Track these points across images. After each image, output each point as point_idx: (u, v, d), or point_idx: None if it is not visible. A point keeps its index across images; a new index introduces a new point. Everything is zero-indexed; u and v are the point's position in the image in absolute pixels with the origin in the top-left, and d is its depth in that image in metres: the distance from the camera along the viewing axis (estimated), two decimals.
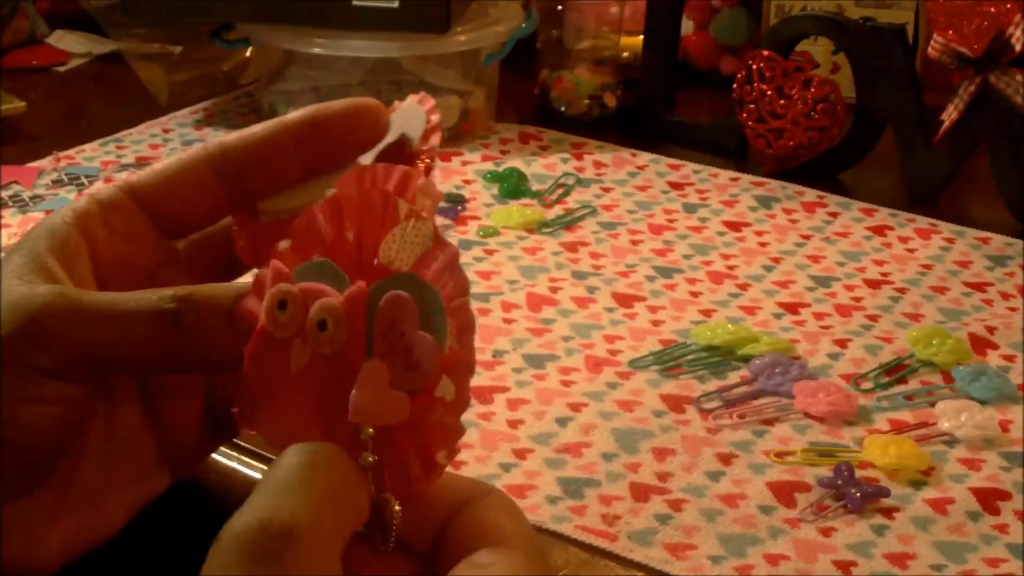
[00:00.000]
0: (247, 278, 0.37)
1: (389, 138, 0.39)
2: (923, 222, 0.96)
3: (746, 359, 0.76)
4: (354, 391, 0.33)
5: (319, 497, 0.31)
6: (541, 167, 1.03)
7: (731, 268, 0.88)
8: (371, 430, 0.33)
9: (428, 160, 0.38)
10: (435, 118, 0.39)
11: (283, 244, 0.34)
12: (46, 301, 0.35)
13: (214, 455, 0.46)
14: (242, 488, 0.43)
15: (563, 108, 1.14)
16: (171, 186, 0.39)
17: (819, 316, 0.82)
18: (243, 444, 0.51)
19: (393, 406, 0.33)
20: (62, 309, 0.35)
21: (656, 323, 0.81)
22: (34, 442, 0.36)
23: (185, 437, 0.39)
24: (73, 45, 1.31)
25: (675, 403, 0.72)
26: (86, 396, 0.36)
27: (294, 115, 0.39)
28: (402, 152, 0.38)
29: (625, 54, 1.18)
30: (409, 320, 0.33)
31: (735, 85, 1.04)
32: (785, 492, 0.64)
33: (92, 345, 0.35)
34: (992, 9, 0.94)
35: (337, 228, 0.34)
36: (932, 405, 0.72)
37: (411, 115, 0.39)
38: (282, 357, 0.34)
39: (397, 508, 0.33)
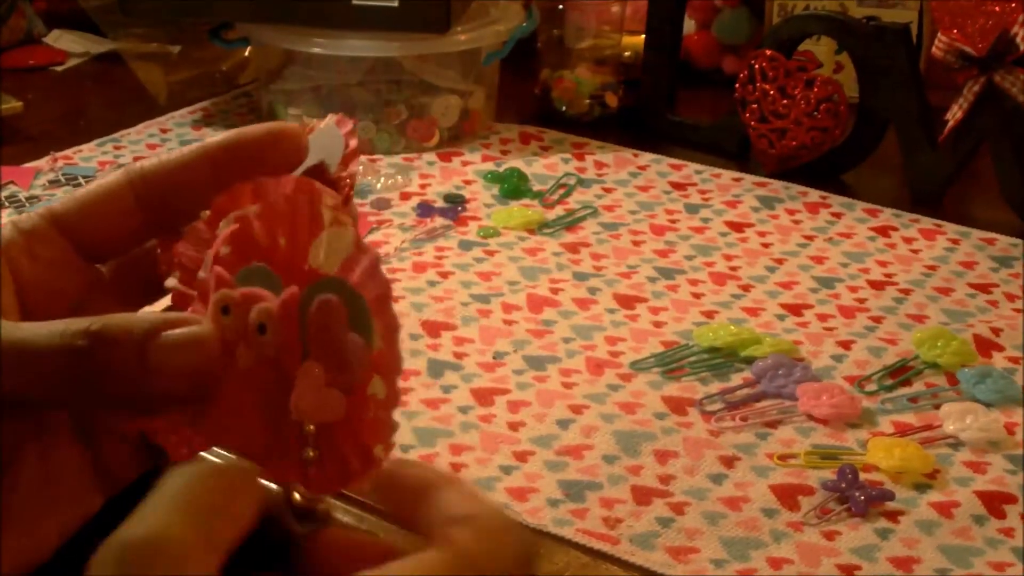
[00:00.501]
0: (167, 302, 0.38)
1: (309, 161, 0.39)
2: (927, 223, 0.95)
3: (749, 361, 0.75)
4: (293, 391, 0.35)
5: (195, 511, 0.33)
6: (542, 167, 1.03)
7: (733, 269, 0.88)
8: (312, 427, 0.35)
9: (348, 187, 0.39)
10: (353, 143, 0.39)
11: (224, 250, 0.35)
12: None
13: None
14: None
15: (564, 108, 1.14)
16: (91, 212, 0.39)
17: (822, 317, 0.81)
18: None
19: (329, 404, 0.34)
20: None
21: (658, 324, 0.80)
22: None
23: (117, 461, 0.39)
24: (71, 44, 1.31)
25: (677, 405, 0.71)
26: (15, 427, 0.36)
27: (214, 140, 0.39)
28: (321, 179, 0.38)
29: (627, 54, 1.18)
30: (338, 323, 0.34)
31: (737, 85, 1.04)
32: (788, 495, 0.64)
33: (4, 381, 0.34)
34: (996, 8, 0.94)
35: (271, 234, 0.36)
36: (937, 407, 0.71)
37: (330, 138, 0.40)
38: (228, 360, 0.35)
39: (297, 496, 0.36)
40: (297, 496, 0.36)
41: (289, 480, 0.36)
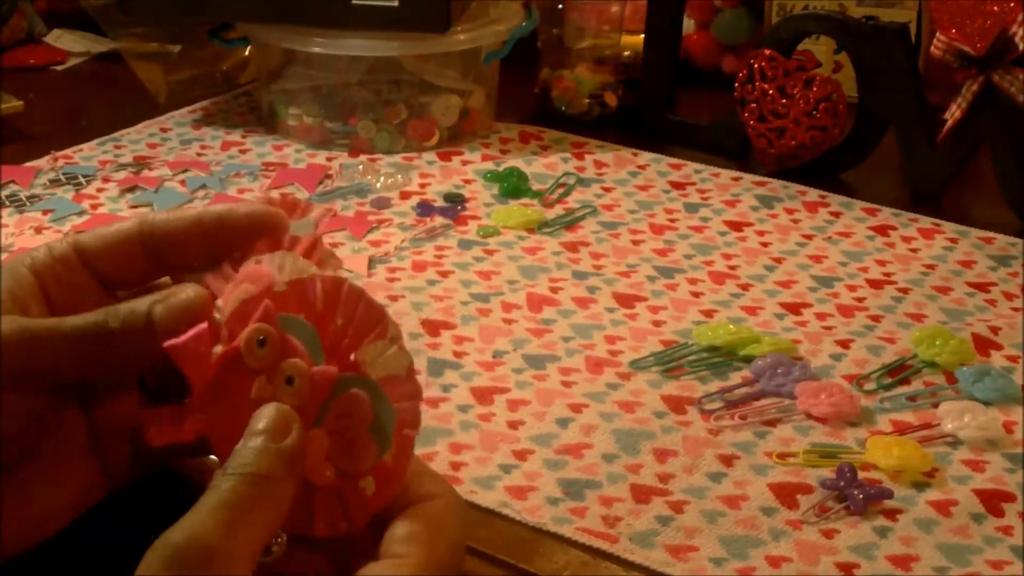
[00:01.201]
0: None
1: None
2: (926, 222, 0.95)
3: (748, 360, 0.75)
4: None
5: (236, 519, 0.38)
6: (541, 167, 1.03)
7: (733, 268, 0.88)
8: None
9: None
10: (318, 232, 0.45)
11: (280, 287, 0.40)
12: (5, 328, 0.42)
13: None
14: None
15: (564, 107, 1.14)
16: (108, 250, 0.47)
17: (821, 316, 0.81)
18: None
19: (321, 473, 0.39)
20: (15, 333, 0.42)
21: (657, 323, 0.80)
22: None
23: (118, 458, 0.46)
24: (71, 44, 1.31)
25: (676, 404, 0.71)
26: (39, 411, 0.43)
27: (212, 209, 0.46)
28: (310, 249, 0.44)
29: (626, 53, 1.18)
30: (362, 419, 0.39)
31: (737, 84, 1.04)
32: (787, 493, 0.64)
33: (40, 361, 0.42)
34: (995, 8, 0.94)
35: (331, 307, 0.40)
36: (935, 406, 0.71)
37: (304, 226, 0.45)
38: (243, 380, 0.40)
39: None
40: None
41: None
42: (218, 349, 0.40)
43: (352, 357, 0.40)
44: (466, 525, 0.44)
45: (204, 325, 0.41)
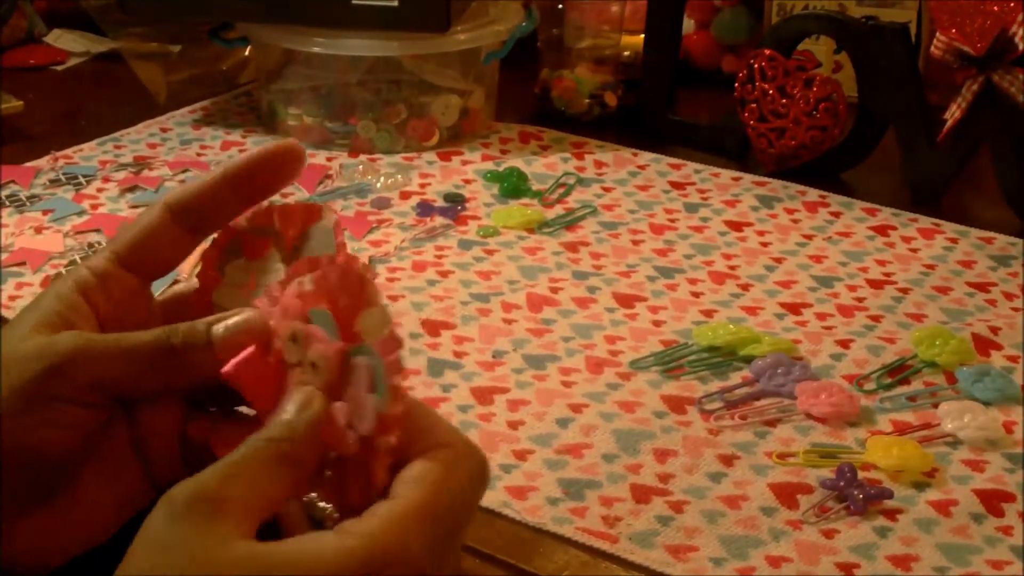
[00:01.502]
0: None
1: (313, 249, 0.49)
2: (926, 222, 0.95)
3: (748, 360, 0.75)
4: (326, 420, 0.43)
5: (239, 472, 0.41)
6: (541, 167, 1.03)
7: (733, 268, 0.88)
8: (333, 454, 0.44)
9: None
10: (341, 239, 0.49)
11: (308, 285, 0.45)
12: (71, 343, 0.45)
13: None
14: None
15: (564, 107, 1.14)
16: (144, 246, 0.49)
17: (821, 316, 0.81)
18: None
19: (345, 442, 0.43)
20: (81, 348, 0.45)
21: (657, 323, 0.80)
22: (50, 461, 0.45)
23: (163, 463, 0.48)
24: (71, 44, 1.31)
25: (676, 404, 0.71)
26: (92, 422, 0.46)
27: (233, 161, 0.49)
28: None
29: (626, 53, 1.18)
30: (366, 383, 0.43)
31: (736, 84, 1.04)
32: (787, 493, 0.64)
33: (104, 374, 0.45)
34: (995, 8, 0.94)
35: (341, 290, 0.45)
36: (935, 406, 0.71)
37: (324, 233, 0.49)
38: (279, 373, 0.44)
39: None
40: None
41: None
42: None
43: (354, 329, 0.44)
44: (476, 477, 0.44)
45: (252, 348, 0.45)
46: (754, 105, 1.03)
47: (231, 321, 0.46)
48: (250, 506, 0.41)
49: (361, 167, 1.01)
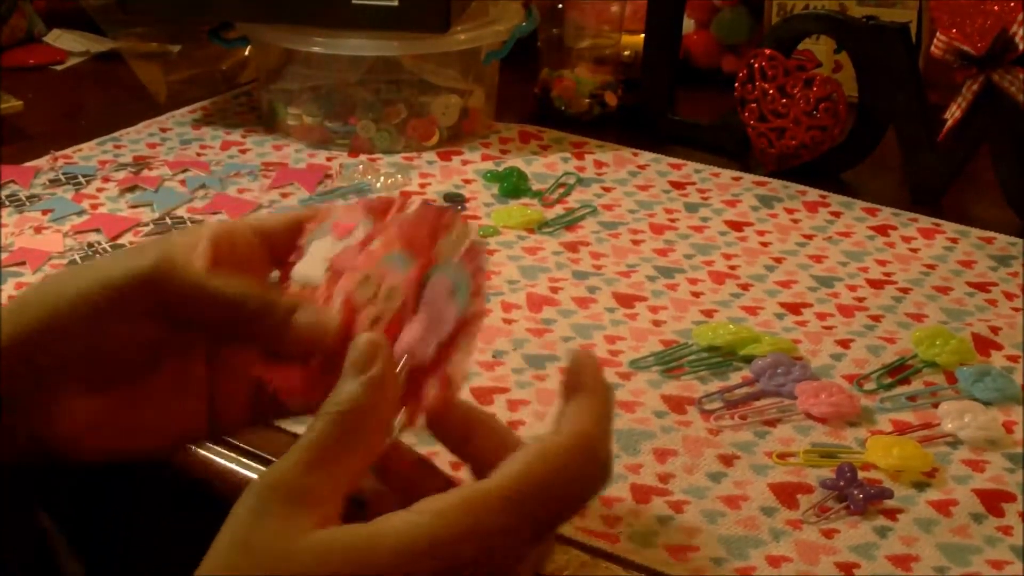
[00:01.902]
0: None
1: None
2: (926, 222, 0.95)
3: (748, 359, 0.75)
4: (401, 336, 0.48)
5: (319, 458, 0.43)
6: (541, 166, 1.03)
7: (733, 268, 0.88)
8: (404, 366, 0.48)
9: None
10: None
11: (377, 244, 0.50)
12: (168, 266, 0.49)
13: (211, 455, 0.62)
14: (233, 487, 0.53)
15: (564, 107, 1.14)
16: (282, 230, 0.54)
17: (821, 316, 0.81)
18: (238, 445, 0.64)
19: (421, 350, 0.47)
20: (165, 273, 0.48)
21: (657, 323, 0.80)
22: (119, 357, 0.49)
23: (230, 409, 0.51)
24: (71, 44, 1.31)
25: (676, 404, 0.71)
26: (163, 341, 0.50)
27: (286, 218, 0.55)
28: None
29: (626, 53, 1.18)
30: (444, 293, 0.48)
31: (737, 84, 1.04)
32: (787, 493, 0.64)
33: (179, 304, 0.48)
34: (995, 7, 0.94)
35: (420, 223, 0.51)
36: (935, 406, 0.71)
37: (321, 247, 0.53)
38: (352, 317, 0.49)
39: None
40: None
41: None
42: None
43: (433, 253, 0.50)
44: (581, 476, 0.45)
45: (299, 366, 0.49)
46: (754, 105, 1.03)
47: (316, 318, 0.48)
48: (334, 488, 0.42)
49: (361, 167, 1.01)
